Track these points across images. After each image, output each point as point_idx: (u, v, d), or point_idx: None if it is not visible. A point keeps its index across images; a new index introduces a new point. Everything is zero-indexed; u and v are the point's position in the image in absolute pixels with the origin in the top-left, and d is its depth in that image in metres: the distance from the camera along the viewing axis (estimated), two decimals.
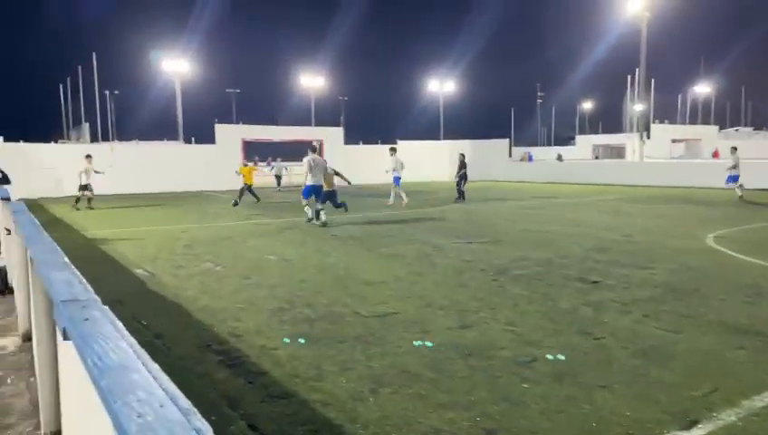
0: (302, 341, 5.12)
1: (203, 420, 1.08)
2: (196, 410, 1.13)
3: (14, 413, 3.94)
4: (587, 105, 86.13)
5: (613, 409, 3.73)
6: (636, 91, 41.70)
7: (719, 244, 10.42)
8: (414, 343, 4.21)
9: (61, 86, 54.48)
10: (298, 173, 33.96)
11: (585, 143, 56.48)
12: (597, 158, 49.56)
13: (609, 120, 71.70)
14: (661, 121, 53.62)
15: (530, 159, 48.33)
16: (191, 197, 24.38)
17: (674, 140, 50.43)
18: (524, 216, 16.10)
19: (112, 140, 45.54)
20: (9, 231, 6.74)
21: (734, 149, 20.76)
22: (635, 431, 3.42)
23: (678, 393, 3.96)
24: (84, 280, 2.30)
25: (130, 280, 7.97)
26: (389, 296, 6.85)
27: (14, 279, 6.50)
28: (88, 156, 19.98)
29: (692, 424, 3.50)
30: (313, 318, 5.95)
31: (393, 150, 20.57)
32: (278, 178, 30.38)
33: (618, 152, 49.52)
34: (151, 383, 1.26)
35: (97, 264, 9.07)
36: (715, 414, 3.62)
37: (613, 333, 5.29)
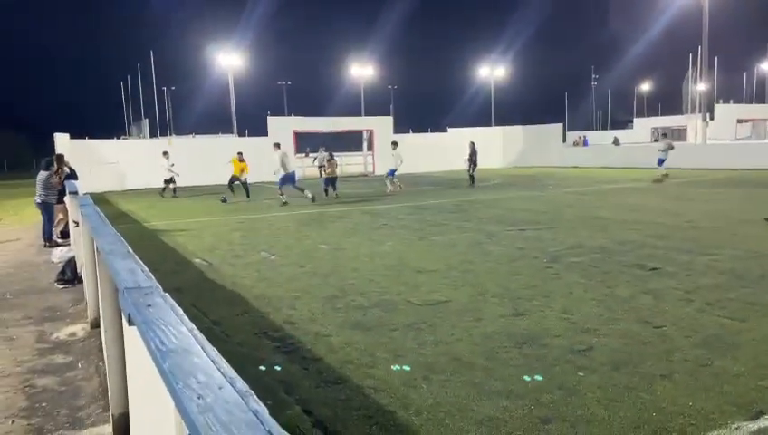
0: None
1: (259, 402, 1.12)
2: (252, 392, 1.17)
3: (85, 396, 4.16)
4: (645, 87, 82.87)
5: (674, 399, 3.62)
6: (698, 71, 39.88)
7: None
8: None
9: (121, 84, 56.64)
10: (348, 163, 34.30)
11: (643, 126, 54.53)
12: (656, 141, 47.75)
13: (669, 101, 68.74)
14: (725, 101, 51.06)
15: (585, 143, 47.01)
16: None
17: (739, 121, 47.99)
18: (580, 201, 15.70)
19: (170, 134, 47.02)
20: (77, 223, 7.09)
21: (665, 135, 24.78)
22: (697, 422, 3.31)
23: (744, 383, 3.80)
24: (146, 268, 2.39)
25: (189, 269, 8.25)
26: (442, 285, 6.84)
27: (83, 269, 6.84)
28: (165, 153, 21.52)
29: (758, 414, 3.36)
30: (366, 306, 6.00)
31: (395, 145, 21.38)
32: (321, 168, 30.42)
33: (678, 134, 47.55)
34: (210, 367, 1.30)
35: (157, 254, 9.42)
36: None
37: (674, 322, 5.11)
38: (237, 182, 19.90)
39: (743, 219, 11.20)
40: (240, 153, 20.37)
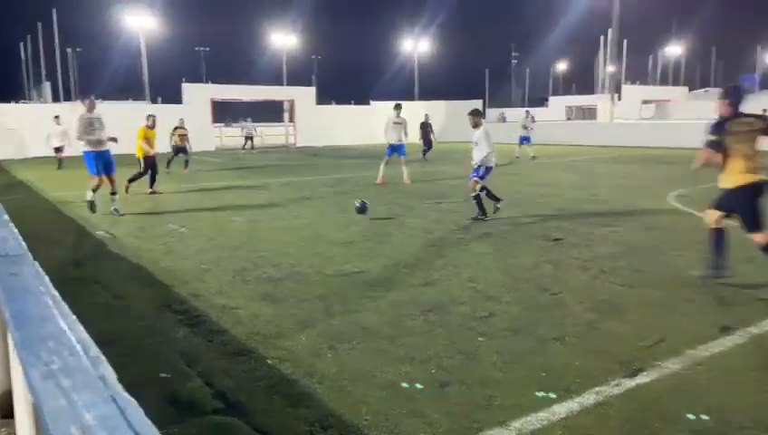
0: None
1: (108, 367, 1.08)
2: (105, 358, 1.13)
3: None
4: (561, 66, 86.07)
5: (564, 360, 3.85)
6: (608, 52, 41.77)
7: (680, 202, 10.65)
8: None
9: (21, 45, 52.36)
10: (269, 134, 33.59)
11: (558, 104, 56.65)
12: (569, 119, 49.84)
13: (583, 81, 71.87)
14: (632, 82, 53.95)
15: (504, 120, 48.32)
16: (158, 158, 23.87)
17: (644, 102, 50.89)
18: (495, 176, 16.15)
19: (75, 99, 44.16)
20: None
21: (528, 112, 24.24)
22: (582, 380, 3.53)
23: (627, 344, 4.09)
24: (20, 237, 2.25)
25: (91, 242, 7.84)
26: (356, 256, 6.88)
27: None
28: (56, 116, 19.94)
29: (637, 372, 3.63)
30: (278, 278, 5.95)
31: (399, 108, 14.36)
32: (249, 139, 30.14)
33: (590, 113, 49.86)
34: (65, 334, 1.25)
35: (57, 226, 8.90)
36: (659, 363, 3.76)
37: (570, 289, 5.41)
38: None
39: (642, 194, 11.95)
40: (150, 116, 14.10)
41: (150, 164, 12.93)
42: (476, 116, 9.56)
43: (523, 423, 3.07)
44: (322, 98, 35.68)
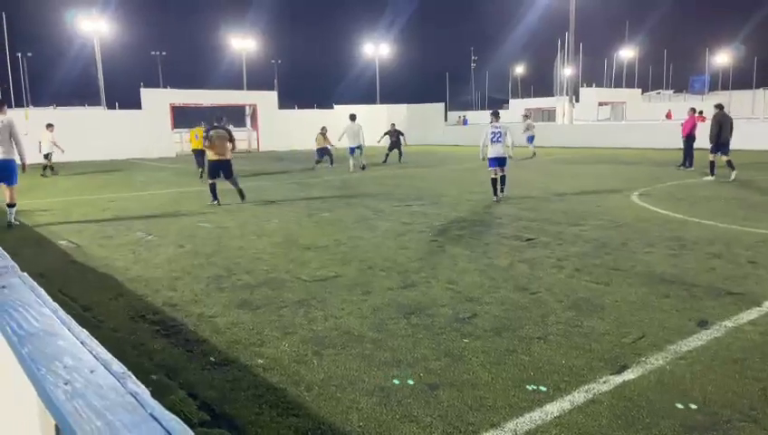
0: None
1: (139, 383, 1.01)
2: (131, 373, 1.06)
3: None
4: (519, 69, 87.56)
5: (550, 358, 3.87)
6: (565, 56, 42.72)
7: (643, 200, 10.93)
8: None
9: None
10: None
11: (518, 107, 57.54)
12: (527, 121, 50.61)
13: (541, 83, 73.30)
14: (589, 85, 55.31)
15: (465, 123, 48.82)
16: (118, 165, 23.29)
17: (600, 103, 52.23)
18: (461, 178, 16.31)
19: (27, 105, 42.59)
20: None
21: (527, 117, 25.41)
22: (570, 378, 3.56)
23: (609, 341, 4.14)
24: (1, 248, 2.12)
25: (54, 252, 7.55)
26: (330, 260, 6.81)
27: None
28: (49, 125, 19.30)
29: (622, 369, 3.68)
30: (254, 285, 5.83)
31: (353, 118, 19.30)
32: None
33: (549, 115, 50.84)
34: (79, 349, 1.17)
35: (17, 236, 8.53)
36: (643, 359, 3.82)
37: (548, 288, 5.46)
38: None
39: (605, 192, 12.22)
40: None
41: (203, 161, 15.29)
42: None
43: (517, 424, 3.06)
44: (285, 102, 35.36)
